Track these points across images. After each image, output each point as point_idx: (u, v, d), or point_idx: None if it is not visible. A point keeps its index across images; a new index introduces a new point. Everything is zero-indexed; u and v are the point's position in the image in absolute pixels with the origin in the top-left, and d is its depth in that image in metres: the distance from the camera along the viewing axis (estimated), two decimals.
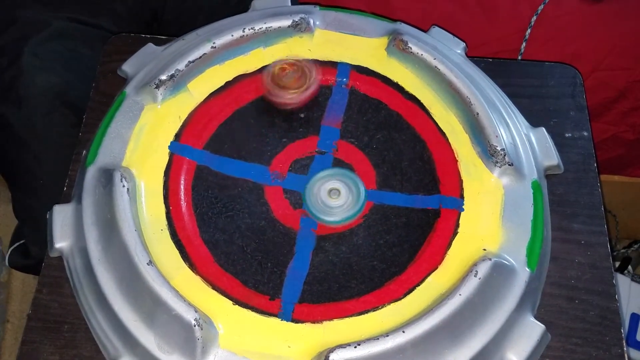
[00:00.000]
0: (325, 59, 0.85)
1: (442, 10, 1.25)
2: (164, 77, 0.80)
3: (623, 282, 1.49)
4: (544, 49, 1.25)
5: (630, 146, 1.40)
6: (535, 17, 1.21)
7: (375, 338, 0.65)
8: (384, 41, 0.85)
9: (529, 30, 1.22)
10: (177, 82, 0.81)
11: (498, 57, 0.96)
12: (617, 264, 1.62)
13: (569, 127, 0.90)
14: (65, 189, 0.84)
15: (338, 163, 0.81)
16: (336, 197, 0.78)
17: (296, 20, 0.84)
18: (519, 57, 1.24)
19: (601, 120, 1.35)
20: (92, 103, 0.91)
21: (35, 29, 1.15)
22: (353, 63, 0.85)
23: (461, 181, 0.77)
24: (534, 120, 0.86)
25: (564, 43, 1.25)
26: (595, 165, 0.87)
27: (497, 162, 0.76)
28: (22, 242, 1.44)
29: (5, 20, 1.16)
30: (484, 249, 0.72)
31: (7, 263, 1.48)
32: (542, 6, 1.21)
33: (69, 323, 0.76)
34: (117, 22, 1.19)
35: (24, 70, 1.12)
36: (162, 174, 0.77)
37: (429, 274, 0.72)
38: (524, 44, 1.23)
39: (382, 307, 0.70)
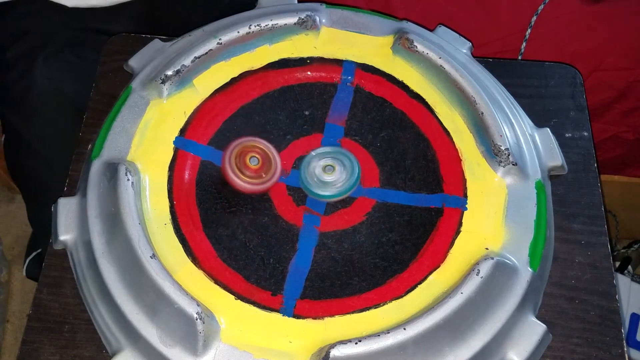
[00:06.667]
0: (331, 57, 0.85)
1: (442, 11, 1.25)
2: (169, 73, 0.80)
3: (623, 282, 1.50)
4: (544, 49, 1.25)
5: (630, 146, 1.41)
6: (535, 17, 1.22)
7: (376, 335, 0.65)
8: (389, 40, 0.86)
9: (529, 30, 1.22)
10: (183, 78, 0.81)
11: (498, 57, 0.97)
12: (617, 264, 1.62)
13: (569, 127, 0.90)
14: (65, 188, 0.84)
15: None
16: (331, 173, 0.79)
17: (302, 17, 0.84)
18: (519, 57, 1.25)
19: (601, 120, 1.36)
20: (93, 103, 0.91)
21: (46, 39, 1.15)
22: (358, 61, 0.85)
23: (465, 180, 0.78)
24: (533, 120, 0.86)
25: (564, 43, 1.25)
26: (596, 165, 0.87)
27: (501, 161, 0.77)
28: (39, 251, 1.44)
29: (17, 31, 1.16)
30: (487, 248, 0.73)
31: (24, 273, 1.49)
32: (542, 6, 1.21)
33: (69, 323, 0.76)
34: (128, 27, 1.19)
35: (36, 82, 1.12)
36: (167, 169, 0.78)
37: (431, 272, 0.72)
38: (524, 44, 1.23)
39: (384, 305, 0.70)
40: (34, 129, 1.13)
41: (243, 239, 0.76)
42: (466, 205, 0.76)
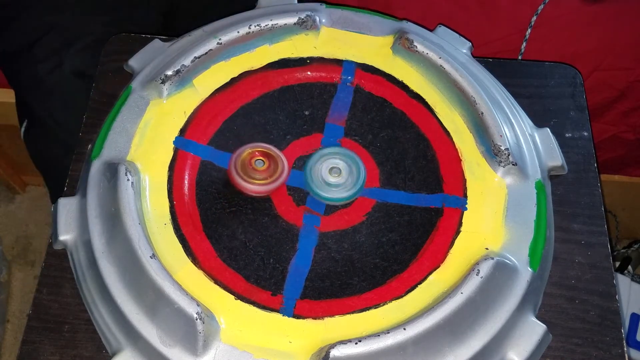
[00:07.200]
0: (331, 57, 0.85)
1: (442, 10, 1.25)
2: (169, 73, 0.80)
3: (623, 282, 1.50)
4: (544, 49, 1.25)
5: (630, 146, 1.41)
6: (535, 17, 1.21)
7: (376, 335, 0.65)
8: (389, 40, 0.85)
9: (529, 30, 1.22)
10: (183, 78, 0.81)
11: (498, 57, 0.97)
12: (617, 264, 1.62)
13: (569, 127, 0.90)
14: (65, 188, 0.84)
15: None
16: (337, 175, 0.79)
17: (302, 17, 0.84)
18: (519, 57, 1.25)
19: (601, 120, 1.36)
20: (93, 103, 0.90)
21: (75, 35, 1.15)
22: (358, 61, 0.85)
23: (465, 180, 0.78)
24: (533, 121, 0.86)
25: (564, 43, 1.25)
26: (596, 165, 0.87)
27: (501, 161, 0.77)
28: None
29: (45, 25, 1.16)
30: (487, 248, 0.73)
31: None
32: (542, 6, 1.21)
33: (69, 323, 0.76)
34: (154, 25, 1.19)
35: (65, 79, 1.12)
36: (167, 169, 0.78)
37: (430, 272, 0.72)
38: (524, 44, 1.23)
39: (384, 305, 0.70)
40: (64, 121, 1.13)
41: (243, 238, 0.76)
42: (466, 205, 0.76)
